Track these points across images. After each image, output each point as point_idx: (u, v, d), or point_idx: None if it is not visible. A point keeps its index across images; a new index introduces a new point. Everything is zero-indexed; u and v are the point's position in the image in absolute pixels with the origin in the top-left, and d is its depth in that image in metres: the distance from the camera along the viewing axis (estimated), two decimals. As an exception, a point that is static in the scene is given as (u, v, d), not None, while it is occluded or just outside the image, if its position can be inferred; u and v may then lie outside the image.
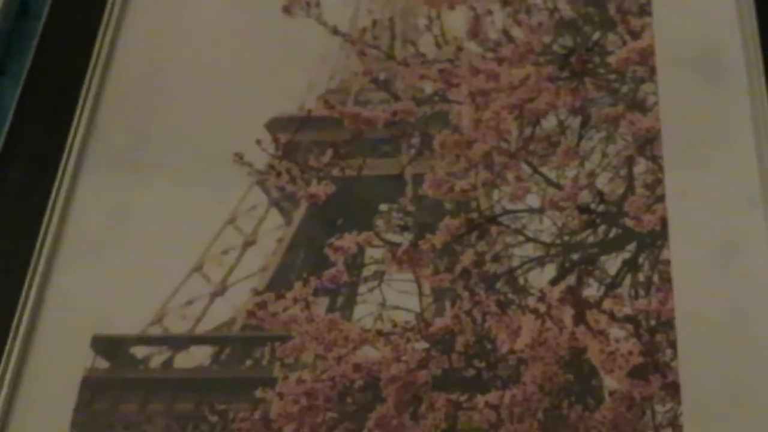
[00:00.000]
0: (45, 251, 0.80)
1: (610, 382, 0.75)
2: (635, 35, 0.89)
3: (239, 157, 0.86)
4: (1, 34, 0.92)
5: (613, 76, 0.88)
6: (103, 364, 0.78)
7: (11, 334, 0.77)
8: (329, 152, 0.86)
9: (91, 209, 0.84)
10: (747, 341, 0.74)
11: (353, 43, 0.91)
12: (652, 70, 0.87)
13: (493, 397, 0.75)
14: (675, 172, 0.81)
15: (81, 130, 0.85)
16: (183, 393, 0.77)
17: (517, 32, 0.90)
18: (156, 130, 0.88)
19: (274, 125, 0.87)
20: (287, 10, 0.93)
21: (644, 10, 0.90)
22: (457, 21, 0.91)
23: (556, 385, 0.75)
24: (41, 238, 0.80)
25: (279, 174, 0.85)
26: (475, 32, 0.90)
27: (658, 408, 0.73)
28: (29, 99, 0.87)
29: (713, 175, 0.80)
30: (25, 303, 0.78)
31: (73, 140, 0.84)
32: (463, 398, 0.75)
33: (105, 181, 0.85)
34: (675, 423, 0.72)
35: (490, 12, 0.91)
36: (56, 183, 0.82)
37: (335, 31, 0.91)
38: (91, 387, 0.76)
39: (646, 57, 0.87)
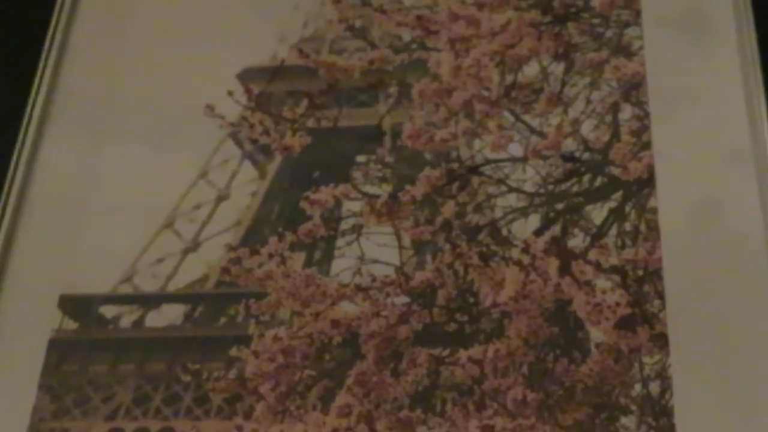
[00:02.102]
0: (9, 211, 0.81)
1: (596, 335, 0.75)
2: None
3: (210, 110, 0.86)
4: None
5: (596, 20, 0.87)
6: (71, 324, 0.79)
7: None
8: (304, 103, 0.87)
9: (57, 168, 0.84)
10: (735, 292, 0.74)
11: None
12: (637, 14, 0.86)
13: (476, 351, 0.75)
14: (660, 125, 0.81)
15: (44, 89, 0.86)
16: (155, 353, 0.78)
17: None
18: (123, 85, 0.88)
19: (246, 76, 0.88)
20: None
21: None
22: None
23: (541, 338, 0.76)
24: (4, 198, 0.80)
25: (252, 126, 0.86)
26: None
27: (646, 360, 0.74)
28: None
29: (700, 129, 0.80)
30: None
31: (35, 98, 0.85)
32: (445, 353, 0.76)
33: (71, 139, 0.85)
34: (663, 375, 0.73)
35: None
36: (18, 143, 0.82)
37: None
38: (59, 348, 0.78)
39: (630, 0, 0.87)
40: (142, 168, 0.84)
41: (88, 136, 0.86)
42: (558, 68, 0.86)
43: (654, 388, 0.73)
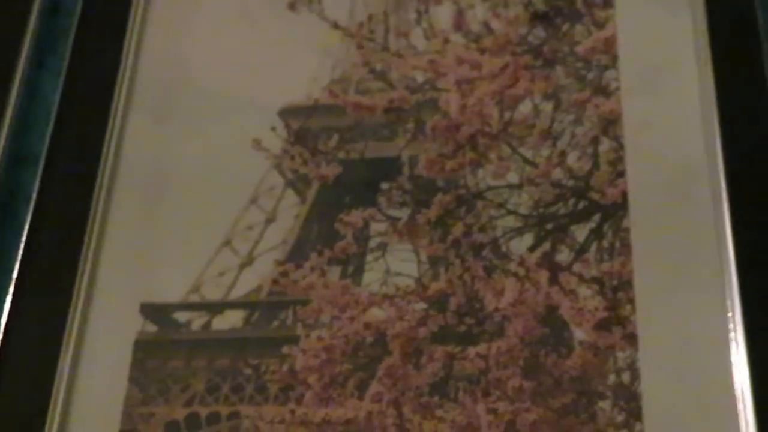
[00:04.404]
0: (94, 236, 0.87)
1: (579, 334, 0.80)
2: (599, 26, 0.92)
3: (257, 143, 0.91)
4: (37, 31, 0.97)
5: (580, 64, 0.91)
6: (151, 328, 0.85)
7: (72, 305, 0.85)
8: (335, 137, 0.92)
9: (131, 198, 0.90)
10: (692, 302, 0.79)
11: (352, 37, 0.96)
12: (614, 58, 0.90)
13: (481, 348, 0.81)
14: (633, 156, 0.85)
15: (118, 122, 0.92)
16: (221, 351, 0.83)
17: (496, 24, 0.94)
18: (181, 120, 0.93)
19: (286, 113, 0.92)
20: (292, 6, 0.98)
21: (608, 3, 0.92)
22: (443, 15, 0.96)
23: (534, 337, 0.81)
24: (90, 224, 0.87)
25: (292, 157, 0.91)
26: (459, 25, 0.95)
27: (619, 354, 0.79)
28: (71, 89, 0.94)
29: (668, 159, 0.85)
30: (81, 277, 0.86)
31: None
32: (457, 350, 0.81)
33: (143, 171, 0.91)
34: (633, 367, 0.78)
35: (471, 6, 0.95)
36: (99, 172, 0.89)
37: (335, 26, 0.96)
38: (143, 348, 0.84)
39: (609, 46, 0.90)
40: (202, 195, 0.90)
41: (154, 167, 0.91)
42: (548, 106, 0.90)
43: (625, 377, 0.78)
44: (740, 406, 0.75)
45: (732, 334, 0.77)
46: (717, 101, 0.85)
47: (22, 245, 0.88)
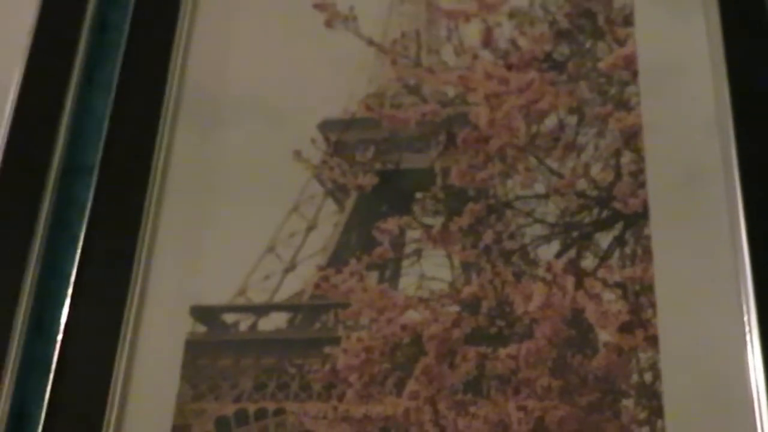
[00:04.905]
0: (146, 243, 0.90)
1: (603, 336, 0.82)
2: (620, 43, 0.95)
3: (298, 155, 0.94)
4: (86, 47, 1.00)
5: (602, 80, 0.93)
6: (201, 329, 0.88)
7: (126, 308, 0.87)
8: (372, 149, 0.94)
9: (180, 206, 0.92)
10: (710, 306, 0.81)
11: (386, 53, 0.98)
12: (635, 74, 0.92)
13: (512, 349, 0.82)
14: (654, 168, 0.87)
15: (166, 134, 0.94)
16: (267, 351, 0.85)
17: (522, 42, 0.97)
18: (226, 131, 0.96)
19: (325, 126, 0.95)
20: (329, 24, 1.00)
21: (628, 21, 0.95)
22: (472, 32, 0.98)
23: (561, 338, 0.82)
24: (141, 232, 0.90)
25: (332, 168, 0.93)
26: (487, 42, 0.97)
27: (642, 355, 0.81)
28: (121, 103, 0.97)
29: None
30: (135, 282, 0.88)
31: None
32: (488, 350, 0.83)
33: (190, 181, 0.94)
34: (654, 367, 0.80)
35: (499, 24, 0.98)
36: (149, 182, 0.92)
37: (371, 43, 0.99)
38: (193, 347, 0.86)
39: (629, 62, 0.93)
40: (247, 204, 0.92)
41: (199, 181, 0.94)
42: (572, 120, 0.92)
43: (647, 377, 0.80)
44: (755, 403, 0.77)
45: (747, 336, 0.79)
46: (732, 110, 0.88)
47: (78, 253, 0.90)
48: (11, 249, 0.90)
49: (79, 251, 0.90)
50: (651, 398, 0.80)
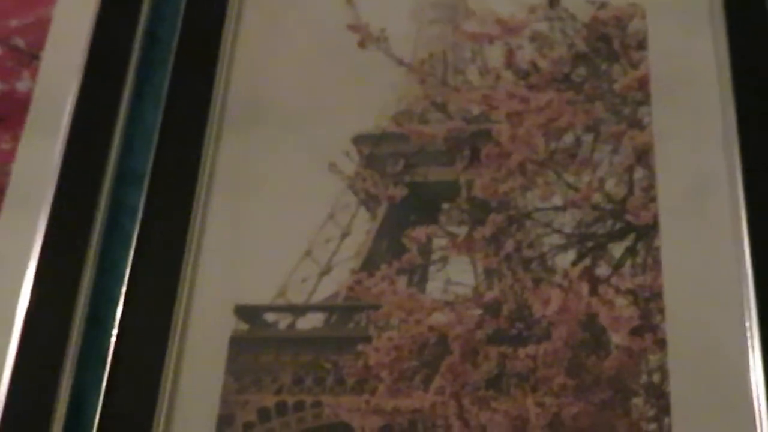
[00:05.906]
0: (194, 246, 0.93)
1: (616, 339, 0.84)
2: (634, 66, 0.97)
3: (333, 166, 0.97)
4: (137, 61, 1.04)
5: (617, 100, 0.95)
6: (244, 326, 0.90)
7: (175, 308, 0.90)
8: (401, 162, 0.96)
9: (224, 211, 0.96)
10: (717, 312, 0.83)
11: (415, 72, 1.01)
12: (648, 95, 0.94)
13: (530, 350, 0.85)
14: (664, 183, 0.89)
15: (212, 143, 0.98)
16: (304, 348, 0.88)
17: (542, 63, 0.99)
18: (266, 144, 0.99)
19: (358, 140, 0.98)
20: (362, 44, 1.04)
21: (641, 45, 0.97)
22: (495, 54, 1.01)
23: (576, 341, 0.85)
24: (189, 236, 0.93)
25: (364, 179, 0.96)
26: (509, 63, 1.00)
27: (651, 357, 0.83)
28: (170, 113, 1.00)
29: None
30: (183, 283, 0.91)
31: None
32: (509, 350, 0.85)
33: (234, 188, 0.96)
34: (663, 368, 0.82)
35: (521, 46, 1.01)
36: (197, 188, 0.95)
37: (400, 62, 1.02)
38: (237, 344, 0.89)
39: (643, 84, 0.95)
40: (287, 211, 0.95)
41: (242, 188, 0.96)
42: (588, 137, 0.94)
43: (656, 378, 0.82)
44: (756, 403, 0.80)
45: (749, 341, 0.82)
46: (738, 133, 0.90)
47: (131, 254, 0.94)
48: (70, 250, 0.94)
49: (132, 253, 0.94)
50: (659, 397, 0.82)
